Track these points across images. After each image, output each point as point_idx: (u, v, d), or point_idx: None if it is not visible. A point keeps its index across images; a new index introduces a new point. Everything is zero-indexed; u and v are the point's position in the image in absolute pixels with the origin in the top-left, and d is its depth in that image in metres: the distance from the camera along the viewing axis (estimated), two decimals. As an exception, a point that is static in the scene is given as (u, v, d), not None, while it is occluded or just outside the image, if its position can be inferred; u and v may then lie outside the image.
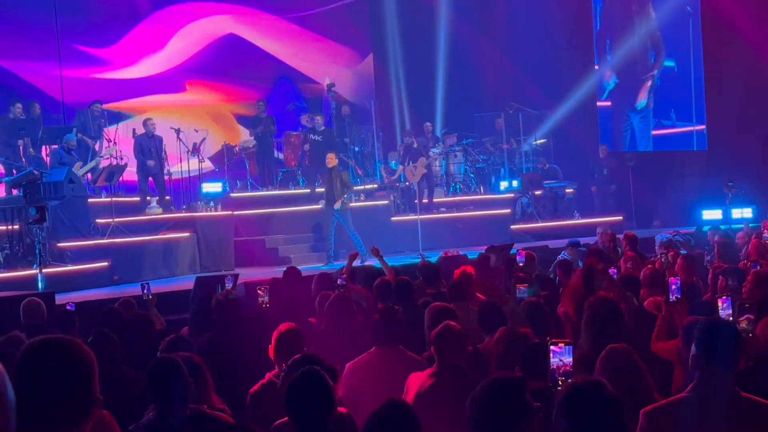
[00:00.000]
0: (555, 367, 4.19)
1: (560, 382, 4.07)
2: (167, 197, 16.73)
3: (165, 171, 16.68)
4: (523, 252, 11.10)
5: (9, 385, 1.33)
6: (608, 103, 23.21)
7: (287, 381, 4.08)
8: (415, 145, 18.71)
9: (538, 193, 19.85)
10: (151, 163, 16.14)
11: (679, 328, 5.54)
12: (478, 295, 8.01)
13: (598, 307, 5.40)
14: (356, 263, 14.09)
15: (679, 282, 6.61)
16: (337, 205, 15.48)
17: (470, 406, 3.33)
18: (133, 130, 16.86)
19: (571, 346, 4.24)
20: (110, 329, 6.28)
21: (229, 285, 9.25)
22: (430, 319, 5.84)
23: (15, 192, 13.88)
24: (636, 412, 3.89)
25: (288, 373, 4.54)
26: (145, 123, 16.46)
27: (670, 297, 6.42)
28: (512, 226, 18.65)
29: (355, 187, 17.32)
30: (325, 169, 16.15)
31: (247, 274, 13.30)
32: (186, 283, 12.59)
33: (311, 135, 18.09)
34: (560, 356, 4.19)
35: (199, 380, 4.61)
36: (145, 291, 8.53)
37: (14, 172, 14.73)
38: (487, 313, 6.21)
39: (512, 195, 19.97)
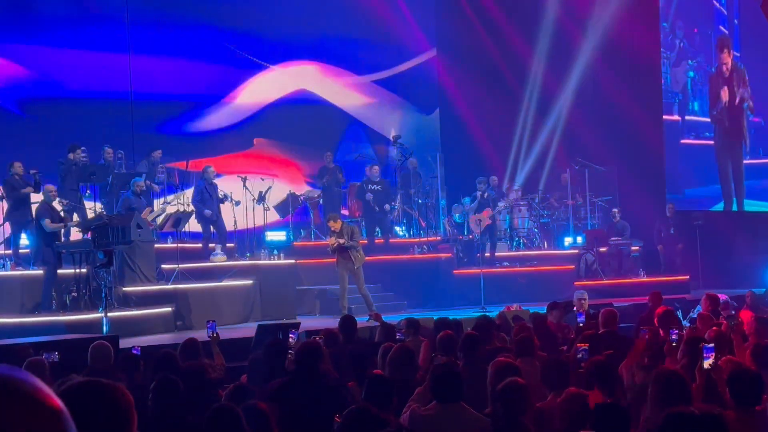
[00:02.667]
0: None
1: None
2: (230, 244, 16.86)
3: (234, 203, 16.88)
4: (584, 311, 10.93)
5: (72, 429, 1.33)
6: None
7: None
8: (486, 195, 18.70)
9: (603, 249, 19.62)
10: (208, 213, 16.31)
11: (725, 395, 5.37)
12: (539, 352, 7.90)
13: (665, 381, 5.19)
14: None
15: (713, 348, 6.39)
16: (357, 264, 15.04)
17: None
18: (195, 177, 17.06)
19: None
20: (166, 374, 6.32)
21: (293, 339, 9.08)
22: (494, 375, 5.76)
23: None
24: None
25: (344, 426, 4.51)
26: (206, 170, 16.65)
27: (704, 364, 6.20)
28: (576, 283, 18.42)
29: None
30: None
31: (309, 323, 13.32)
32: (247, 330, 12.62)
33: (369, 185, 18.18)
34: None
35: (262, 428, 4.58)
36: (211, 329, 8.57)
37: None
38: (551, 370, 6.10)
39: (576, 251, 19.78)
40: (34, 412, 1.27)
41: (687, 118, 23.32)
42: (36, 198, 14.25)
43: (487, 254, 18.56)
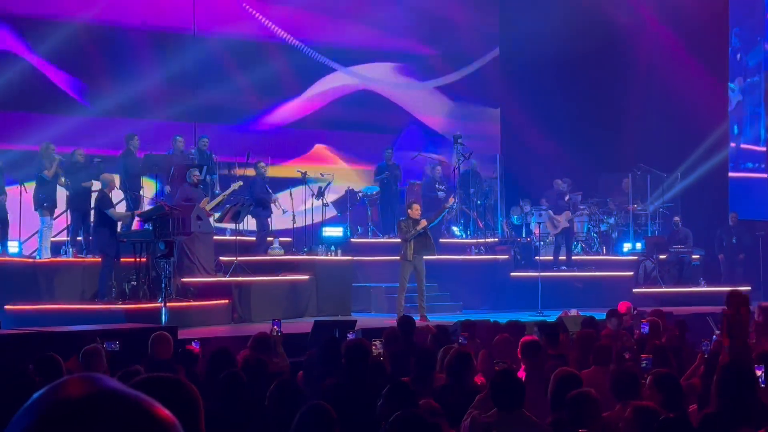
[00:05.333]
0: None
1: None
2: (288, 239, 16.92)
3: (281, 211, 16.88)
4: (647, 321, 10.76)
5: None
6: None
7: None
8: (567, 198, 18.57)
9: (663, 257, 19.34)
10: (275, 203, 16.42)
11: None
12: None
13: (732, 371, 5.06)
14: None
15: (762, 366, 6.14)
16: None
17: None
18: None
19: None
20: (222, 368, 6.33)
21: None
22: (555, 384, 5.68)
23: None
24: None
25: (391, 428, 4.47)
26: (257, 165, 16.71)
27: (761, 383, 5.96)
28: (634, 290, 18.19)
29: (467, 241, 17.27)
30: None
31: (365, 321, 13.31)
32: (303, 325, 12.65)
33: (436, 185, 18.14)
34: None
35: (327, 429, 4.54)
36: (275, 328, 8.59)
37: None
38: (622, 380, 5.98)
39: (635, 258, 19.53)
40: (152, 427, 1.28)
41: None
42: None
43: (562, 257, 18.45)
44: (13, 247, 14.14)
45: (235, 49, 19.12)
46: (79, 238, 14.78)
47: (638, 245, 20.07)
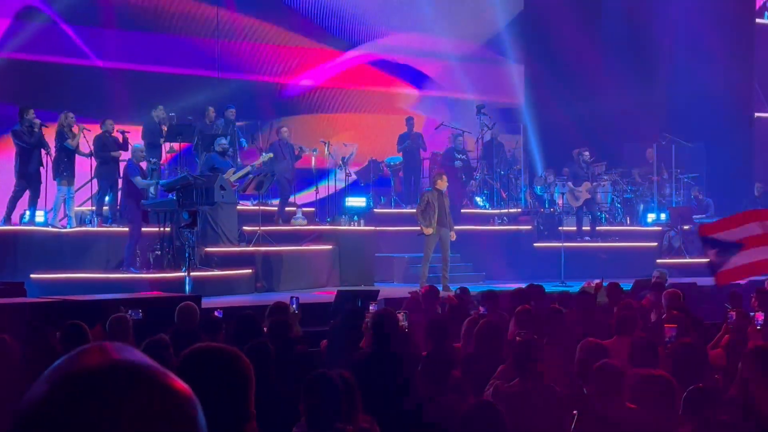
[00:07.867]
0: None
1: None
2: (311, 209, 16.96)
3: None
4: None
5: (200, 413, 1.30)
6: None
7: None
8: (587, 168, 18.49)
9: (687, 228, 19.21)
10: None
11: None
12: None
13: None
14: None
15: None
16: (453, 237, 15.04)
17: None
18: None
19: None
20: (247, 336, 6.35)
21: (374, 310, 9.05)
22: (582, 354, 5.67)
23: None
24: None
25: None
26: (279, 131, 16.71)
27: None
28: (658, 261, 18.09)
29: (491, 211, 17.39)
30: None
31: (388, 291, 13.33)
32: (325, 295, 12.69)
33: (457, 154, 18.08)
34: None
35: (349, 398, 4.56)
36: (293, 305, 8.59)
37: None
38: (640, 350, 5.97)
39: (660, 228, 19.42)
40: (166, 399, 1.24)
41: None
42: (124, 156, 14.51)
43: (586, 228, 18.38)
44: (39, 216, 14.21)
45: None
46: (105, 207, 14.83)
47: (662, 216, 19.95)
